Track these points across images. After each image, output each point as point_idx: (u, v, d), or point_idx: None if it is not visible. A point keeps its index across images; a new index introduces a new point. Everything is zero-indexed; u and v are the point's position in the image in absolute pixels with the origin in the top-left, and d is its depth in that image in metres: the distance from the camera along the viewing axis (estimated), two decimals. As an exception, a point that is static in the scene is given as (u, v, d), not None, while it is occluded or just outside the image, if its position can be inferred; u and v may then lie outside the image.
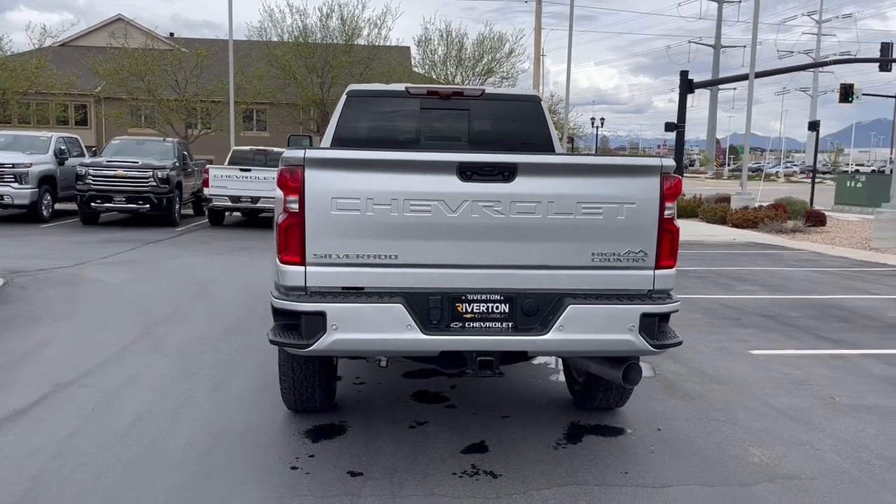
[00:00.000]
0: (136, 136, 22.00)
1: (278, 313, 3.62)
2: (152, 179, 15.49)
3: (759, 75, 23.59)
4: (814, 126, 27.91)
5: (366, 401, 4.90)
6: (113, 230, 14.79)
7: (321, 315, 3.45)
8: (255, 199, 16.38)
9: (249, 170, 16.65)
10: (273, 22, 38.06)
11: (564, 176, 3.61)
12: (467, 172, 3.52)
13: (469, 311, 3.62)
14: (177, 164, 16.57)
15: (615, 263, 3.67)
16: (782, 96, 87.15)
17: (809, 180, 29.96)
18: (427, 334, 3.52)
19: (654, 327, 3.65)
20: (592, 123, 69.67)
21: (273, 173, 17.07)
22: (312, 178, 3.49)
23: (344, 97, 5.69)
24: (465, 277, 3.61)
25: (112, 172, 15.28)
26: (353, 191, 3.51)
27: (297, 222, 3.52)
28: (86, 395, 4.86)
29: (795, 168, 79.22)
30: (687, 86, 28.08)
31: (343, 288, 3.57)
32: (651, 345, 3.64)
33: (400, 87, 5.83)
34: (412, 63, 46.62)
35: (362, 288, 3.57)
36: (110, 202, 15.37)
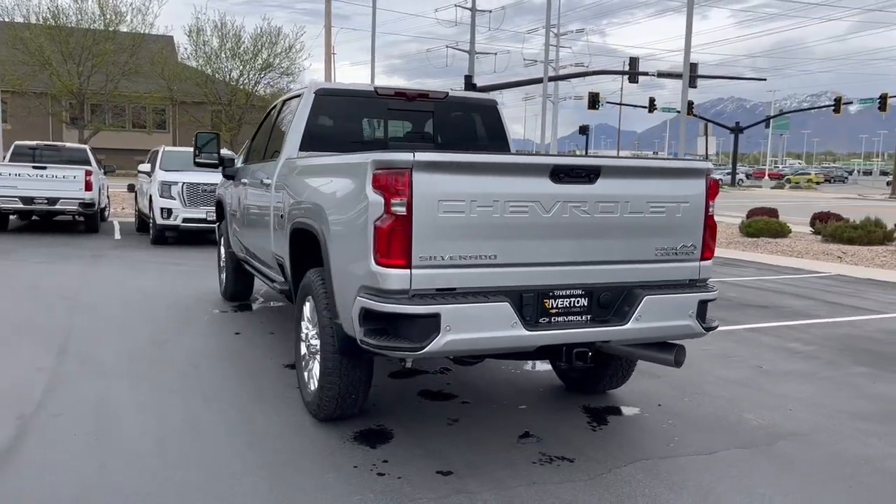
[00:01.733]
0: None
1: (377, 317, 3.56)
2: None
3: (552, 79, 25.70)
4: (584, 130, 30.80)
5: (379, 404, 4.86)
6: None
7: (436, 317, 3.46)
8: (52, 201, 14.74)
9: (45, 167, 14.97)
10: (17, 0, 34.05)
11: (637, 178, 3.94)
12: (559, 175, 3.71)
13: (555, 306, 3.82)
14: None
15: (672, 256, 4.07)
16: (526, 102, 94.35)
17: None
18: (529, 330, 3.67)
19: (704, 312, 4.10)
20: (369, 123, 70.48)
21: (76, 171, 15.68)
22: (420, 180, 3.48)
23: (311, 95, 5.53)
24: (553, 274, 3.80)
25: None
26: (458, 193, 3.55)
27: (403, 225, 3.49)
28: (69, 424, 4.31)
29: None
30: (472, 90, 29.76)
31: (437, 290, 3.60)
32: (703, 328, 4.09)
33: (368, 87, 5.80)
34: (178, 54, 44.21)
35: (454, 288, 3.62)
36: None
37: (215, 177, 14.69)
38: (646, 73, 43.15)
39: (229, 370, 5.54)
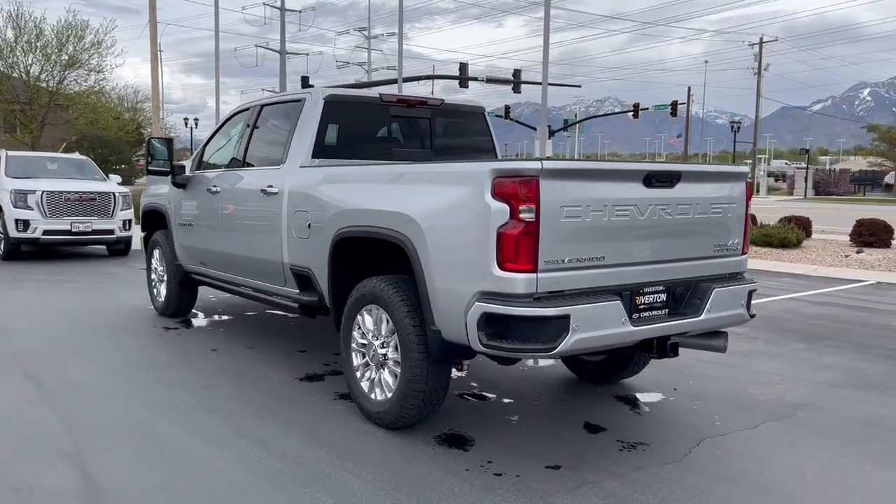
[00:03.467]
0: None
1: (502, 321, 3.66)
2: None
3: (406, 80, 26.07)
4: None
5: (428, 409, 4.90)
6: None
7: (566, 318, 3.63)
8: None
9: None
10: None
11: (704, 182, 4.33)
12: (651, 180, 4.01)
13: (643, 302, 4.11)
14: None
15: (724, 252, 4.50)
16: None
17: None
18: (634, 326, 3.93)
19: (750, 301, 4.58)
20: (186, 124, 67.33)
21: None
22: (546, 188, 3.63)
23: (320, 102, 5.42)
24: (644, 273, 4.09)
25: None
26: (576, 199, 3.74)
27: (531, 231, 3.62)
28: (129, 457, 3.99)
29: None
30: None
31: (549, 292, 3.77)
32: (749, 315, 4.57)
33: (374, 94, 5.77)
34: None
35: (562, 291, 3.81)
36: None
37: (80, 184, 13.63)
38: (475, 79, 44.93)
39: (248, 389, 5.29)
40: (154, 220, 7.91)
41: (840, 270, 12.43)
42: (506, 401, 5.13)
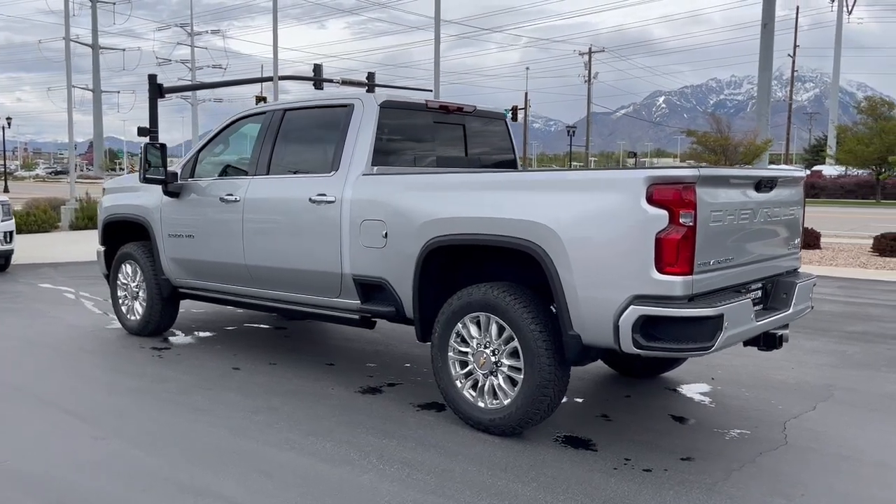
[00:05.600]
0: None
1: (660, 322, 3.81)
2: None
3: (282, 78, 25.24)
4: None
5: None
6: None
7: (720, 317, 3.84)
8: None
9: None
10: None
11: (788, 186, 4.71)
12: (760, 185, 4.32)
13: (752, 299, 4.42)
14: None
15: (793, 251, 4.92)
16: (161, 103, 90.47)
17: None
18: (757, 321, 4.23)
19: (812, 294, 5.03)
20: (-3, 124, 61.27)
21: None
22: (701, 194, 3.83)
23: (375, 107, 5.30)
24: (752, 271, 4.41)
25: None
26: (720, 204, 3.98)
27: (689, 235, 3.80)
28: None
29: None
30: (156, 90, 27.92)
31: (700, 293, 3.98)
32: (811, 307, 5.02)
33: (421, 100, 5.71)
34: None
35: (707, 291, 4.03)
36: None
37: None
38: (330, 81, 44.48)
39: (315, 405, 5.06)
40: (121, 232, 7.29)
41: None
42: (578, 400, 5.27)
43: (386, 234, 4.96)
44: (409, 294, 4.88)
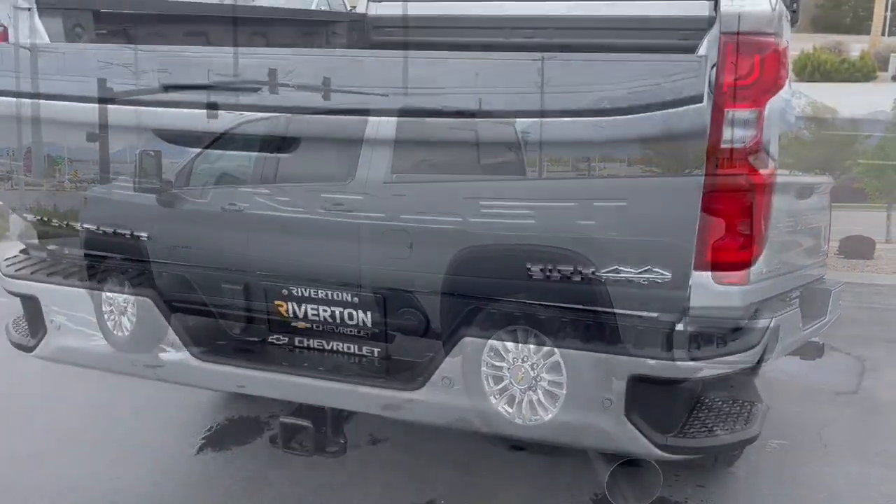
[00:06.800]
0: None
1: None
2: None
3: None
4: None
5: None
6: None
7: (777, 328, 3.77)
8: None
9: None
10: None
11: (821, 192, 4.69)
12: (802, 192, 4.29)
13: (792, 307, 4.38)
14: None
15: (823, 258, 4.92)
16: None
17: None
18: (805, 329, 4.18)
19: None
20: None
21: None
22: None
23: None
24: (794, 279, 4.35)
25: None
26: (781, 210, 3.90)
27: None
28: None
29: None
30: None
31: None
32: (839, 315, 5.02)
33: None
34: None
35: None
36: None
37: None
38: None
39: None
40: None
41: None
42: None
43: (411, 245, 4.76)
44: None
